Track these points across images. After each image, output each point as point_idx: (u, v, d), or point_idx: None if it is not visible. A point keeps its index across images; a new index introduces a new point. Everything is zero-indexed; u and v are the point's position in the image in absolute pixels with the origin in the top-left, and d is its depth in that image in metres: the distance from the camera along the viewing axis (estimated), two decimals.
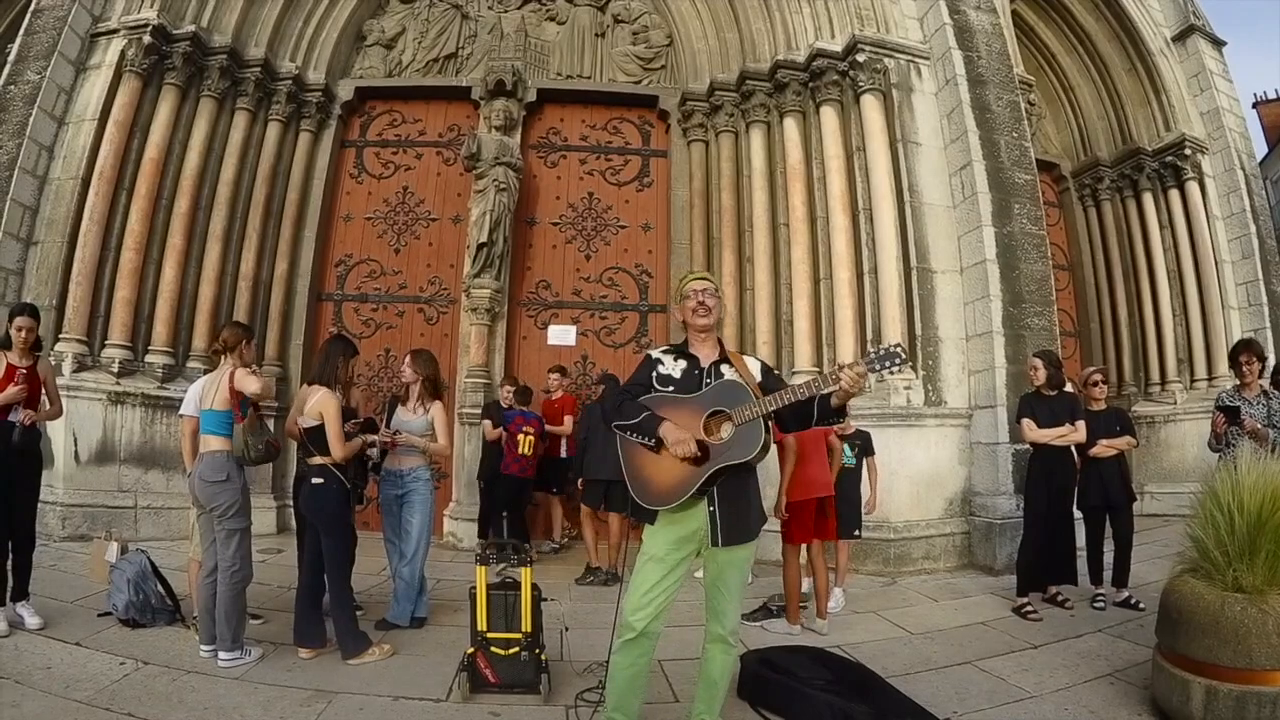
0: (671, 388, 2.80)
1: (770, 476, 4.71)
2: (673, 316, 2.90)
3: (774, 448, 4.28)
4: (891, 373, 2.68)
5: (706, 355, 2.87)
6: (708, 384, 2.78)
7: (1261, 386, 4.82)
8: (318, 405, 4.05)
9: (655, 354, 2.94)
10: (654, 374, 2.86)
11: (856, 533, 5.50)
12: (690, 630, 2.97)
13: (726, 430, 2.66)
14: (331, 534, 4.09)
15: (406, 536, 4.71)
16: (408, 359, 5.00)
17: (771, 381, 2.85)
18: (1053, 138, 10.52)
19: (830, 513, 4.92)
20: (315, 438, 4.05)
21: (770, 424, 2.73)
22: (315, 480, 4.08)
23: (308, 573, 4.18)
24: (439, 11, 8.98)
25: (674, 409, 2.72)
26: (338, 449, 4.03)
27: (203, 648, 3.90)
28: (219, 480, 3.93)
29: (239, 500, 3.99)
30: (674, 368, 2.86)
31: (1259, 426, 4.51)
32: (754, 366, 2.88)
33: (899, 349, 2.60)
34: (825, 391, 2.64)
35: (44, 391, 4.26)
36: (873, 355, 2.63)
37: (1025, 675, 3.90)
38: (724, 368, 2.83)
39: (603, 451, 6.30)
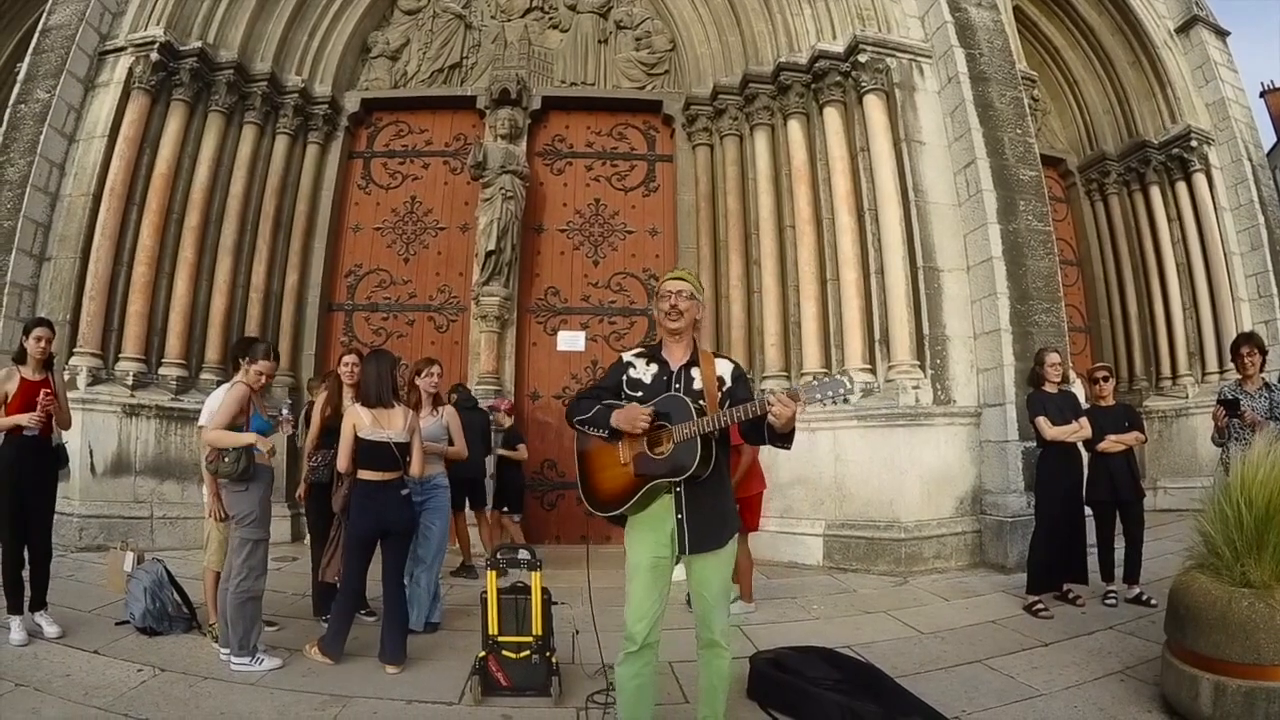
0: (641, 393, 2.75)
1: None
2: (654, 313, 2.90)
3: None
4: (835, 403, 2.56)
5: (678, 358, 2.80)
6: (676, 388, 2.72)
7: (1263, 379, 4.80)
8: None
9: (628, 356, 2.88)
10: (625, 378, 2.82)
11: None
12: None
13: (668, 445, 2.62)
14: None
15: (426, 542, 4.74)
16: (431, 369, 5.16)
17: (740, 388, 2.77)
18: (1058, 133, 10.48)
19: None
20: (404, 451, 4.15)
21: (714, 440, 2.66)
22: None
23: (396, 588, 4.18)
24: (442, 22, 9.05)
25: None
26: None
27: (221, 651, 3.96)
28: (239, 491, 4.03)
29: (257, 510, 4.06)
30: (645, 372, 2.80)
31: (1259, 419, 4.49)
32: (725, 370, 2.80)
33: (843, 379, 2.52)
34: (760, 415, 2.54)
35: (55, 402, 4.33)
36: (814, 384, 2.55)
37: (1035, 673, 3.89)
38: (693, 371, 2.76)
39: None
